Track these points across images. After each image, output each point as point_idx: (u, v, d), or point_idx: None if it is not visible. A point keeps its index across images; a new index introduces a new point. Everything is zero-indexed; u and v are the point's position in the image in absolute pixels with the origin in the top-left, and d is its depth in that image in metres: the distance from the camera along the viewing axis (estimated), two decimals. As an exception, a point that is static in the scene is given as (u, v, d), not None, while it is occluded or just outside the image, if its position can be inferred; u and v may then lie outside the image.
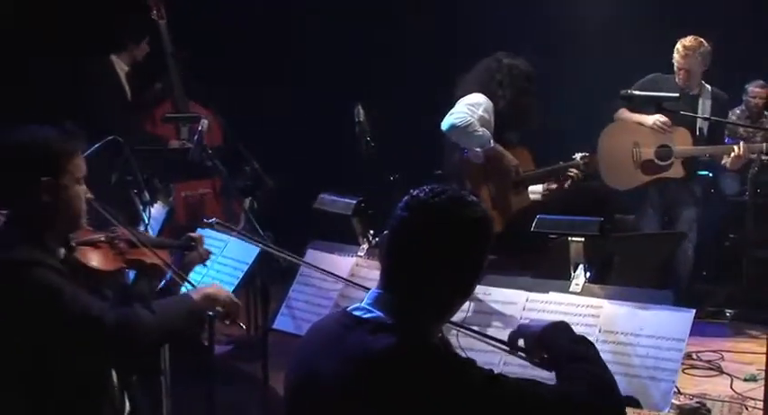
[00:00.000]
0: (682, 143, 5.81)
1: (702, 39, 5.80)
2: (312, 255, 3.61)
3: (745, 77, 7.15)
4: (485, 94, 5.05)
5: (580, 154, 5.31)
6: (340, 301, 3.30)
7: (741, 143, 5.76)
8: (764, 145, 5.94)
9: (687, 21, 6.29)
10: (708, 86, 5.94)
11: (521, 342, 2.17)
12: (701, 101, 5.89)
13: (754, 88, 7.18)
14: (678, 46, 5.81)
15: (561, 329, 2.12)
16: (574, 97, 6.92)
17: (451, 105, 5.06)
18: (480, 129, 4.94)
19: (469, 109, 4.97)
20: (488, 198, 5.04)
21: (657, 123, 5.79)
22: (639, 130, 5.87)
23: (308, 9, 7.66)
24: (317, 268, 3.30)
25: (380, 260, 1.97)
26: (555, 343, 2.08)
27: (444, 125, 4.96)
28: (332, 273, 3.26)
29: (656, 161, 5.86)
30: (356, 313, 1.94)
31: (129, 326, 2.52)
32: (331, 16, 7.69)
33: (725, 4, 6.95)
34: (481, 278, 1.97)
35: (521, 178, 5.12)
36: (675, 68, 5.84)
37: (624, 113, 5.93)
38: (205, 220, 3.34)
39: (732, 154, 5.68)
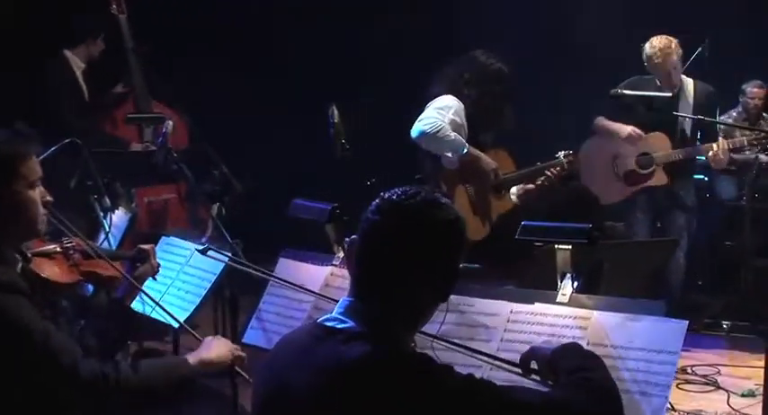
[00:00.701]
0: (660, 148, 5.89)
1: (667, 36, 5.87)
2: (284, 264, 3.62)
3: (742, 78, 7.22)
4: (453, 94, 5.07)
5: (563, 152, 5.35)
6: (313, 313, 3.32)
7: (720, 139, 5.80)
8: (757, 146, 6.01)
9: (678, 20, 6.36)
10: (688, 80, 5.99)
11: (533, 364, 2.23)
12: (681, 100, 5.94)
13: (752, 88, 7.23)
14: (652, 51, 5.84)
15: (570, 348, 2.19)
16: (561, 96, 6.98)
17: (422, 107, 5.07)
18: (452, 134, 4.94)
19: (439, 113, 4.97)
20: (468, 205, 5.04)
21: (632, 134, 5.86)
22: (617, 142, 5.94)
23: (279, 4, 7.67)
24: (287, 282, 3.31)
25: (350, 268, 2.00)
26: (563, 362, 2.13)
27: (413, 132, 4.96)
28: (302, 287, 3.27)
29: (638, 170, 5.94)
30: (328, 323, 1.96)
31: (101, 383, 2.51)
32: (303, 12, 7.71)
33: (718, 2, 7.02)
34: (456, 282, 2.00)
35: (500, 181, 5.14)
36: (656, 72, 5.88)
37: (601, 121, 6.00)
38: (201, 242, 3.35)
39: (710, 153, 5.74)
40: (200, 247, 3.47)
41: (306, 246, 3.71)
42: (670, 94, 5.79)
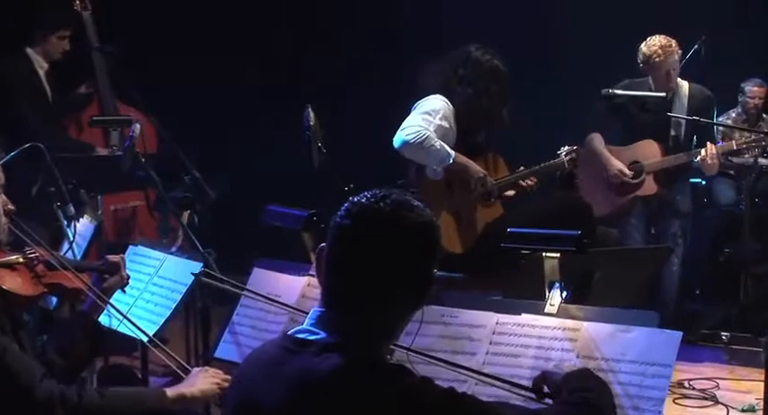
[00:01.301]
0: (650, 156, 5.93)
1: (666, 36, 5.92)
2: (258, 275, 3.64)
3: (741, 77, 7.26)
4: (443, 93, 5.07)
5: (566, 148, 5.38)
6: (290, 326, 3.32)
7: (708, 144, 5.81)
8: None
9: (674, 16, 6.41)
10: (683, 83, 6.03)
11: (545, 389, 2.30)
12: (676, 103, 5.97)
13: (752, 87, 7.24)
14: (652, 49, 5.86)
15: (581, 372, 2.27)
16: (559, 95, 7.00)
17: (408, 103, 5.08)
18: (437, 143, 4.91)
19: (425, 119, 4.95)
20: (452, 216, 5.03)
21: (618, 174, 5.92)
22: (610, 150, 5.99)
23: (252, 3, 7.68)
24: (260, 295, 3.33)
25: (319, 276, 2.02)
26: (569, 384, 2.21)
27: (396, 142, 4.93)
28: (276, 301, 3.29)
29: (628, 180, 5.97)
30: (298, 335, 1.98)
31: (59, 408, 2.50)
32: (278, 9, 7.72)
33: (715, 1, 7.09)
34: (431, 287, 2.02)
35: (490, 188, 5.16)
36: (653, 73, 5.91)
37: (596, 143, 6.02)
38: (171, 251, 3.35)
39: (698, 158, 5.78)
40: (196, 270, 3.46)
41: (281, 255, 3.73)
42: (664, 94, 5.83)
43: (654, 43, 5.89)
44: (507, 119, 5.17)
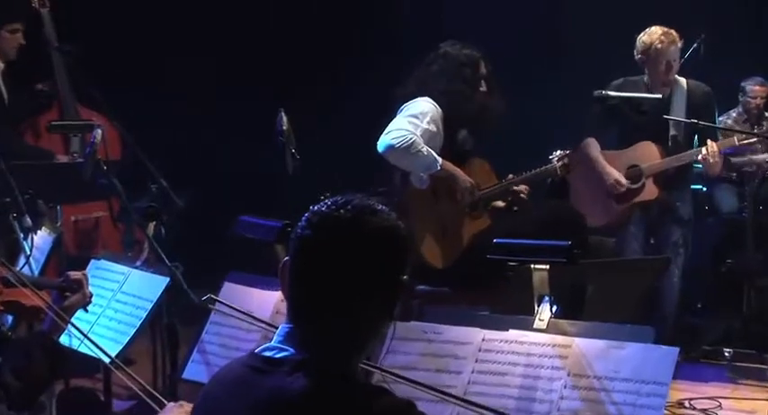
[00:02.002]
0: (648, 158, 5.93)
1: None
2: (229, 290, 3.66)
3: (742, 75, 7.30)
4: (429, 96, 5.11)
5: (558, 153, 5.41)
6: (263, 344, 3.34)
7: (709, 141, 5.79)
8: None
9: (676, 16, 6.43)
10: (681, 80, 6.04)
11: None
12: (674, 102, 5.99)
13: (753, 86, 7.28)
14: (653, 37, 5.86)
15: None
16: (555, 96, 7.04)
17: (387, 111, 5.12)
18: (424, 149, 4.95)
19: (411, 123, 4.99)
20: (437, 226, 5.07)
21: (614, 185, 5.93)
22: (607, 155, 5.99)
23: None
24: (233, 308, 3.34)
25: (284, 290, 2.04)
26: None
27: (380, 146, 4.97)
28: (249, 315, 3.30)
29: (627, 185, 5.97)
30: (266, 353, 2.00)
31: None
32: (248, 5, 7.72)
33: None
34: (402, 295, 2.03)
35: (478, 198, 5.18)
36: (651, 65, 5.94)
37: (591, 148, 6.01)
38: (136, 265, 3.33)
39: (699, 157, 5.77)
40: (163, 285, 3.44)
41: (254, 269, 3.74)
42: (659, 96, 5.85)
43: (654, 31, 5.89)
44: (495, 110, 5.21)
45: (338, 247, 1.96)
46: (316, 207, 2.02)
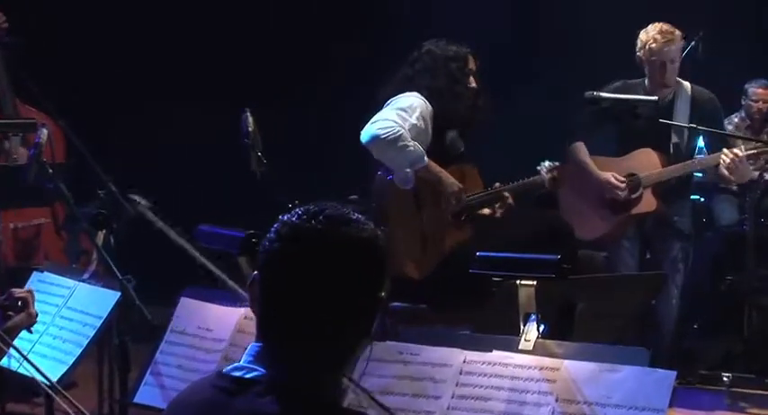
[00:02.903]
0: (648, 167, 5.94)
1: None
2: (186, 306, 3.65)
3: (744, 77, 7.36)
4: (417, 92, 5.15)
5: (547, 164, 5.43)
6: (224, 365, 3.34)
7: (725, 149, 5.73)
8: None
9: (673, 13, 6.47)
10: (685, 84, 6.06)
11: None
12: (677, 107, 6.01)
13: (756, 89, 7.34)
14: (650, 35, 5.87)
15: None
16: (548, 100, 7.07)
17: (375, 110, 5.14)
18: (411, 143, 4.98)
19: (399, 115, 5.03)
20: (418, 234, 5.08)
21: (608, 183, 5.95)
22: (601, 162, 6.00)
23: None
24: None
25: (253, 307, 2.06)
26: None
27: (364, 135, 5.00)
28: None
29: (625, 188, 5.99)
30: (235, 373, 2.01)
31: None
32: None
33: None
34: (379, 311, 2.05)
35: (463, 205, 5.19)
36: (650, 64, 5.95)
37: (580, 153, 6.03)
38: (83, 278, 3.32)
39: (722, 163, 5.71)
40: (113, 300, 3.43)
41: (213, 283, 3.74)
42: (656, 98, 5.85)
43: (651, 29, 5.87)
44: (485, 110, 5.24)
45: (310, 261, 1.98)
46: (285, 218, 2.03)
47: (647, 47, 5.89)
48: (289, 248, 1.99)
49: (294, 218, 2.02)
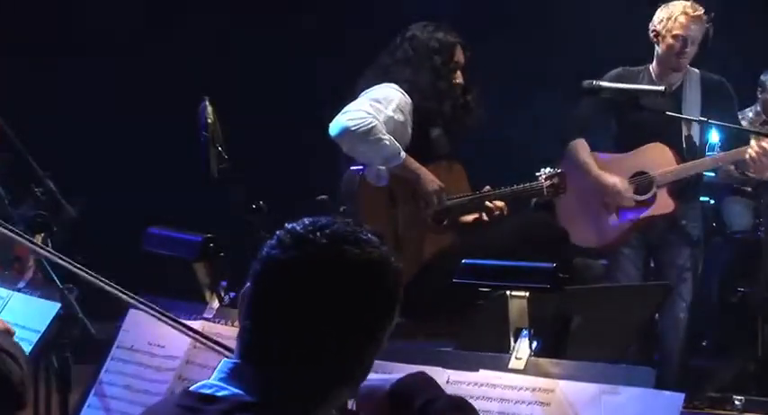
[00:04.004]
0: (660, 164, 5.95)
1: None
2: (135, 318, 3.63)
3: (759, 69, 7.38)
4: (395, 83, 5.14)
5: (547, 171, 5.44)
6: (177, 385, 3.33)
7: (753, 141, 5.78)
8: None
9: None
10: (694, 72, 6.09)
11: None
12: (686, 95, 6.05)
13: (773, 80, 7.40)
14: (674, 14, 5.90)
15: (420, 383, 2.32)
16: (543, 97, 7.09)
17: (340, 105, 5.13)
18: (386, 137, 4.98)
19: (373, 106, 5.02)
20: (392, 237, 5.09)
21: (615, 189, 5.94)
22: (604, 159, 6.01)
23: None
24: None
25: (241, 320, 2.05)
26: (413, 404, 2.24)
27: (333, 128, 4.99)
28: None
29: (633, 197, 5.99)
30: (204, 391, 2.01)
31: None
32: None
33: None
34: (382, 346, 2.06)
35: (444, 207, 5.19)
36: (665, 42, 5.96)
37: (580, 152, 6.04)
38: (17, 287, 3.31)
39: (748, 155, 5.75)
40: (53, 311, 3.42)
41: (166, 293, 3.72)
42: (662, 88, 5.85)
43: (680, 3, 5.87)
44: (474, 107, 5.24)
45: (314, 275, 2.00)
46: (290, 226, 2.06)
47: (672, 19, 5.88)
48: (293, 260, 2.01)
49: (299, 228, 2.04)
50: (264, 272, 2.03)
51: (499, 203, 5.30)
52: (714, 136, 6.21)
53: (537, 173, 5.51)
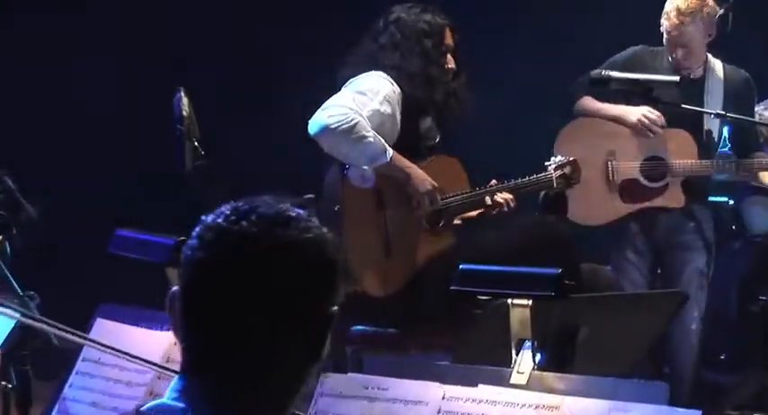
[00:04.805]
0: (681, 154, 5.93)
1: None
2: (102, 328, 3.63)
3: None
4: (383, 71, 5.13)
5: (558, 159, 5.43)
6: (149, 401, 3.33)
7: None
8: None
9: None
10: (717, 62, 6.07)
11: None
12: (708, 88, 6.03)
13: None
14: (668, 8, 5.88)
15: None
16: (546, 85, 7.09)
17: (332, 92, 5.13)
18: (370, 134, 4.94)
19: (357, 99, 4.99)
20: (381, 242, 5.08)
21: (644, 120, 5.91)
22: (615, 133, 5.98)
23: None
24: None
25: (176, 331, 2.02)
26: None
27: (312, 126, 4.95)
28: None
29: (642, 181, 5.98)
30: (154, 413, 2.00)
31: None
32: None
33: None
34: (329, 331, 2.02)
35: (438, 207, 5.18)
36: (665, 41, 5.94)
37: (589, 103, 6.02)
38: None
39: None
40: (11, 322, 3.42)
41: (136, 300, 3.72)
42: (677, 78, 5.83)
43: (674, 1, 5.86)
44: (465, 94, 5.25)
45: (241, 272, 1.95)
46: (209, 219, 2.00)
47: (666, 15, 5.88)
48: (214, 257, 1.96)
49: (220, 219, 1.98)
50: (191, 277, 1.98)
51: (505, 195, 5.25)
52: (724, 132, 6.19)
53: (546, 163, 5.47)
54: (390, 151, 5.00)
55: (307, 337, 1.99)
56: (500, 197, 5.23)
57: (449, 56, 5.26)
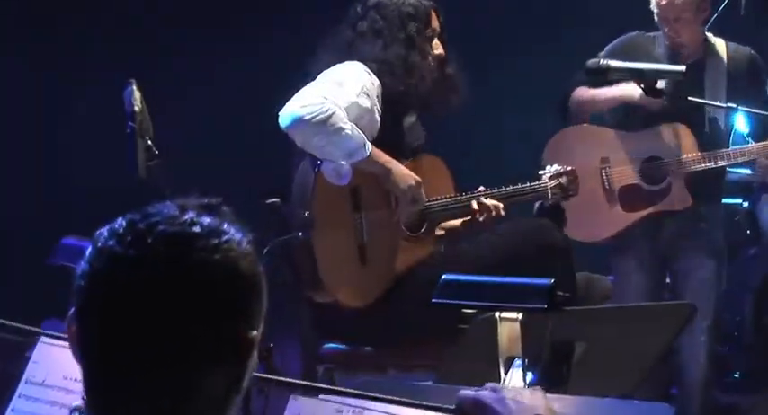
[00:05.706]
0: (680, 149, 5.92)
1: None
2: (47, 347, 3.63)
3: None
4: (364, 63, 5.13)
5: (554, 168, 5.43)
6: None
7: None
8: None
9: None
10: (719, 41, 6.07)
11: None
12: (709, 72, 6.01)
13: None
14: None
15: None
16: (542, 82, 7.11)
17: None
18: (348, 126, 4.92)
19: (331, 89, 4.97)
20: (354, 248, 5.06)
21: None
22: (605, 137, 5.98)
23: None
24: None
25: (76, 356, 1.97)
26: None
27: (284, 117, 4.93)
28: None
29: (642, 185, 5.98)
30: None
31: None
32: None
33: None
34: (252, 352, 2.00)
35: (422, 207, 5.18)
36: (657, 18, 5.88)
37: (583, 92, 6.00)
38: None
39: None
40: None
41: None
42: (683, 68, 5.84)
43: None
44: (451, 83, 5.25)
45: (137, 303, 1.90)
46: (102, 239, 1.95)
47: (652, 3, 5.89)
48: (106, 287, 1.91)
49: (112, 242, 1.93)
50: (81, 308, 1.93)
51: (492, 201, 5.24)
52: (740, 122, 6.19)
53: (540, 172, 5.47)
54: (370, 145, 4.98)
55: (223, 368, 1.96)
56: (487, 202, 5.22)
57: (436, 40, 5.25)
